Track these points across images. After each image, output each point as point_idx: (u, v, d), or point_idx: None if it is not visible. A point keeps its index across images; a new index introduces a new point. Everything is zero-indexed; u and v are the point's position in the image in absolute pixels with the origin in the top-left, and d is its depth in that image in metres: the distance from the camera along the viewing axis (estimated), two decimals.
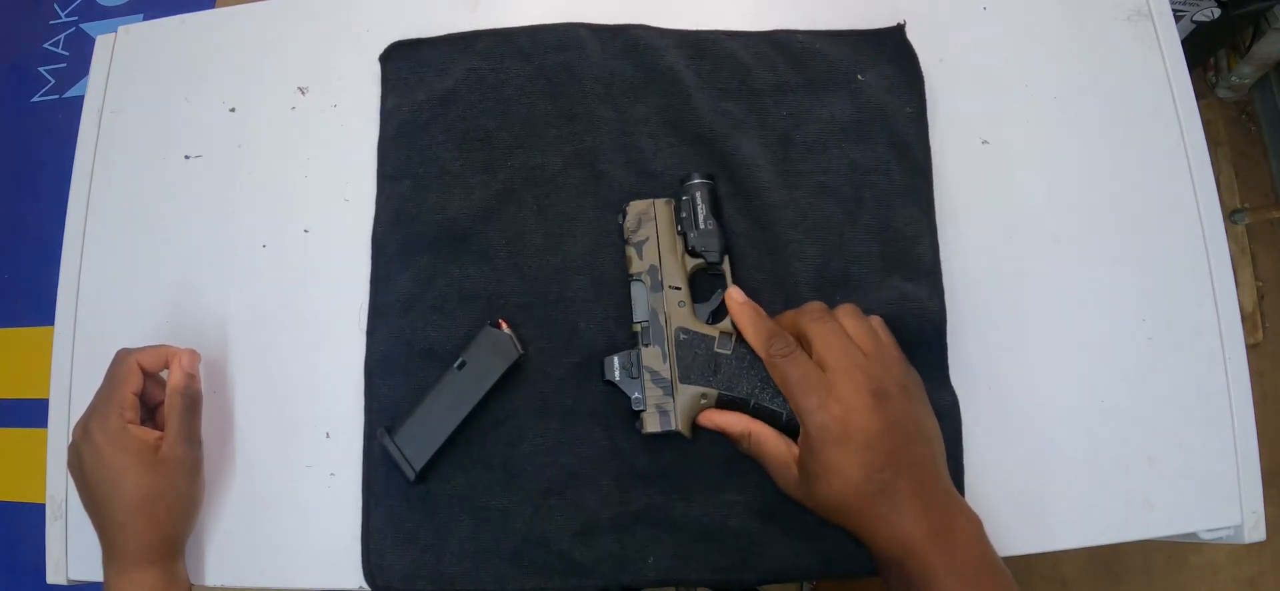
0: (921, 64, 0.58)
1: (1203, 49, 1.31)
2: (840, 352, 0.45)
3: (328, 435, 0.55)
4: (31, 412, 1.50)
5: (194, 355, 0.54)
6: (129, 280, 0.60)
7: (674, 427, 0.49)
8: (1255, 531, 0.51)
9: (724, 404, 0.49)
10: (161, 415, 0.52)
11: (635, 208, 0.53)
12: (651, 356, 0.50)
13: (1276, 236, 1.39)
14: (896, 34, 0.58)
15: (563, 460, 0.51)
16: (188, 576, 0.52)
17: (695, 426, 0.50)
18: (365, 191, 0.58)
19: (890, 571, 0.44)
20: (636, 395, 0.50)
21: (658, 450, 0.51)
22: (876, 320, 0.48)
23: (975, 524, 0.44)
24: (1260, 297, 1.36)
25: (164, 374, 0.54)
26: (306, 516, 0.54)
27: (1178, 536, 0.52)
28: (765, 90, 0.57)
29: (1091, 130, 0.57)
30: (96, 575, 0.55)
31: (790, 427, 0.47)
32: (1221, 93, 1.44)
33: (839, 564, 0.49)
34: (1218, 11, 1.15)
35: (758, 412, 0.48)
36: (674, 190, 0.54)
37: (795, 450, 0.46)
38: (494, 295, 0.54)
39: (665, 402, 0.49)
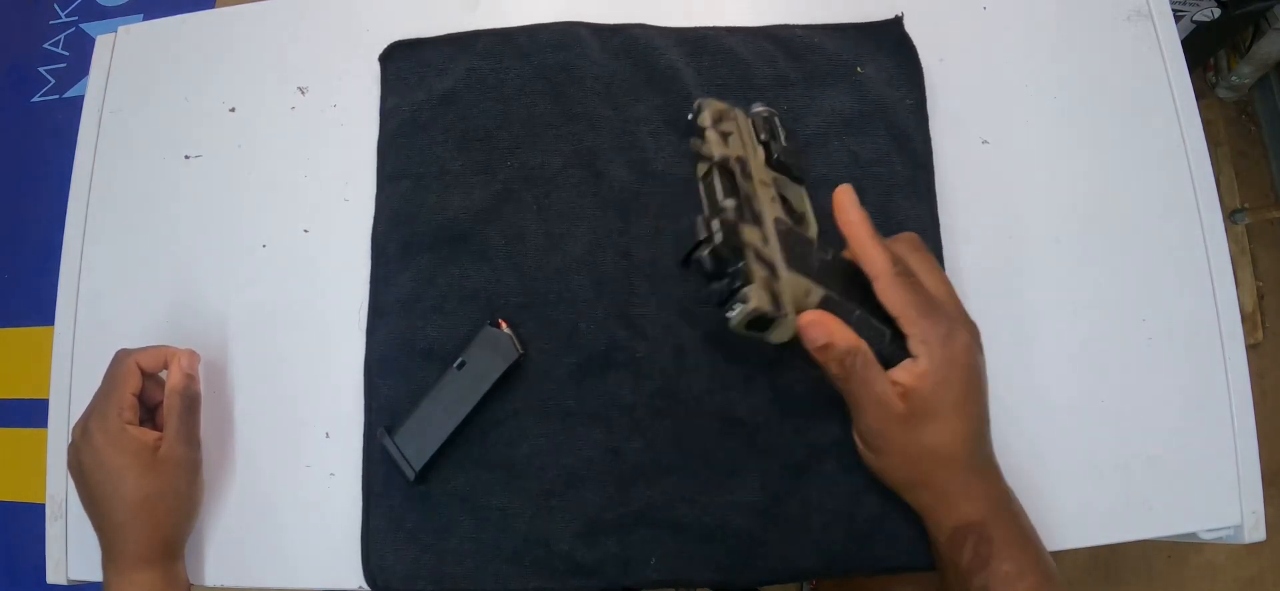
0: (922, 64, 0.57)
1: (1203, 49, 1.31)
2: (948, 293, 0.42)
3: (328, 435, 0.55)
4: (31, 412, 1.50)
5: (193, 356, 0.54)
6: (129, 280, 0.60)
7: (785, 313, 0.40)
8: (1255, 531, 0.51)
9: (827, 307, 0.42)
10: (161, 415, 0.52)
11: (713, 104, 0.44)
12: (752, 234, 0.41)
13: (1276, 236, 1.39)
14: (895, 26, 0.58)
15: (564, 461, 0.51)
16: (187, 577, 0.52)
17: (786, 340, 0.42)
18: (365, 191, 0.58)
19: (956, 541, 0.42)
20: (740, 264, 0.40)
21: (660, 450, 0.51)
22: (911, 237, 0.46)
23: (1012, 495, 0.45)
24: (1260, 297, 1.36)
25: (163, 374, 0.53)
26: (306, 516, 0.54)
27: (1178, 536, 0.52)
28: (765, 85, 0.57)
29: (1091, 130, 0.57)
30: (96, 575, 0.55)
31: (885, 358, 0.42)
32: (1221, 93, 1.44)
33: (839, 563, 0.49)
34: (1218, 11, 1.15)
35: (860, 327, 0.42)
36: (674, 191, 0.53)
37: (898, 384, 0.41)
38: (494, 295, 0.54)
39: (773, 284, 0.40)
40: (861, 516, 0.49)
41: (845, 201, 0.42)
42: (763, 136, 0.45)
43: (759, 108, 0.47)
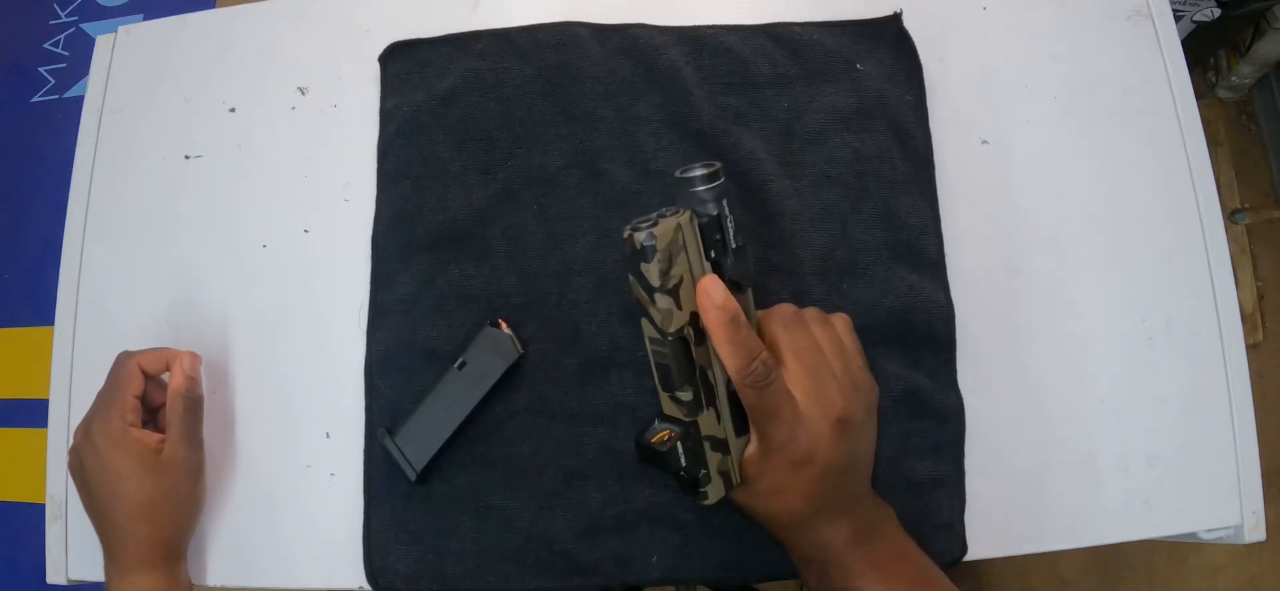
0: (922, 64, 0.57)
1: (1203, 49, 1.31)
2: (812, 376, 0.41)
3: (328, 435, 0.55)
4: (31, 412, 1.50)
5: (195, 358, 0.53)
6: (129, 280, 0.60)
7: (735, 483, 0.44)
8: (1255, 531, 0.51)
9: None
10: (163, 417, 0.52)
11: (663, 237, 0.38)
12: (708, 423, 0.42)
13: (1276, 236, 1.39)
14: (894, 22, 0.58)
15: (565, 460, 0.51)
16: (189, 578, 0.52)
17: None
18: (365, 191, 0.58)
19: (809, 569, 0.45)
20: (703, 472, 0.42)
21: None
22: (843, 321, 0.45)
23: (888, 518, 0.45)
24: (1260, 297, 1.36)
25: (165, 376, 0.53)
26: (306, 516, 0.54)
27: (1178, 536, 0.52)
28: (765, 83, 0.57)
29: (1091, 130, 0.57)
30: (97, 575, 0.55)
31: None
32: (1221, 93, 1.44)
33: None
34: (1218, 11, 1.15)
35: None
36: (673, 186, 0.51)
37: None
38: (494, 295, 0.54)
39: (726, 464, 0.43)
40: None
41: (710, 300, 0.40)
42: (711, 254, 0.41)
43: (701, 185, 0.40)
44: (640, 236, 0.38)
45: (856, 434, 0.42)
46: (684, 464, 0.42)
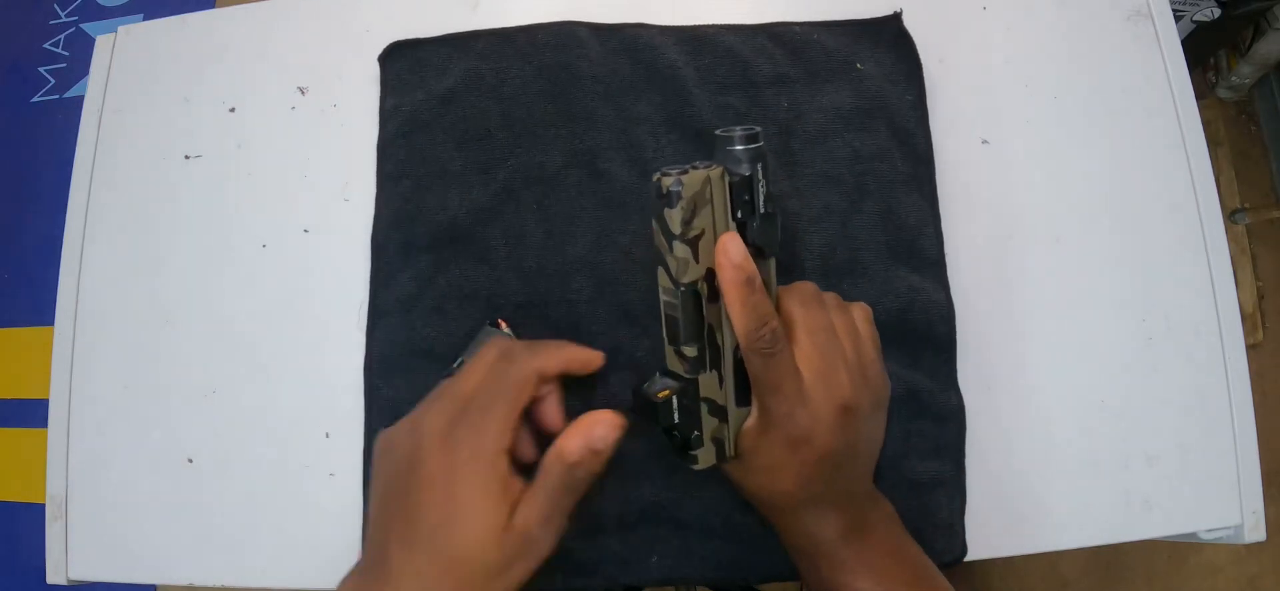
0: (922, 64, 0.58)
1: (1203, 49, 1.32)
2: (822, 356, 0.40)
3: (327, 435, 0.55)
4: (31, 412, 1.50)
5: (613, 423, 0.40)
6: (129, 280, 0.60)
7: (729, 455, 0.43)
8: (1255, 531, 0.51)
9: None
10: (521, 448, 0.40)
11: (690, 186, 0.38)
12: (709, 385, 0.41)
13: (1276, 236, 1.39)
14: (894, 22, 0.58)
15: None
16: None
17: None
18: (365, 191, 0.58)
19: (800, 558, 0.44)
20: (696, 434, 0.42)
21: (661, 448, 0.51)
22: (862, 312, 0.44)
23: (887, 515, 0.44)
24: (1260, 297, 1.36)
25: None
26: (306, 516, 0.54)
27: (1178, 536, 0.52)
28: (765, 83, 0.57)
29: (1092, 130, 0.57)
30: (97, 576, 0.55)
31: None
32: (1221, 93, 1.44)
33: None
34: (1218, 11, 1.15)
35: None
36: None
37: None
38: (494, 295, 0.54)
39: (721, 431, 0.42)
40: None
41: (728, 258, 0.38)
42: (738, 215, 0.40)
43: (739, 145, 0.40)
44: (668, 181, 0.37)
45: (859, 425, 0.41)
46: (676, 420, 0.41)
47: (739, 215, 0.40)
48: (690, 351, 0.40)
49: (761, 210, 0.40)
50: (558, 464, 0.38)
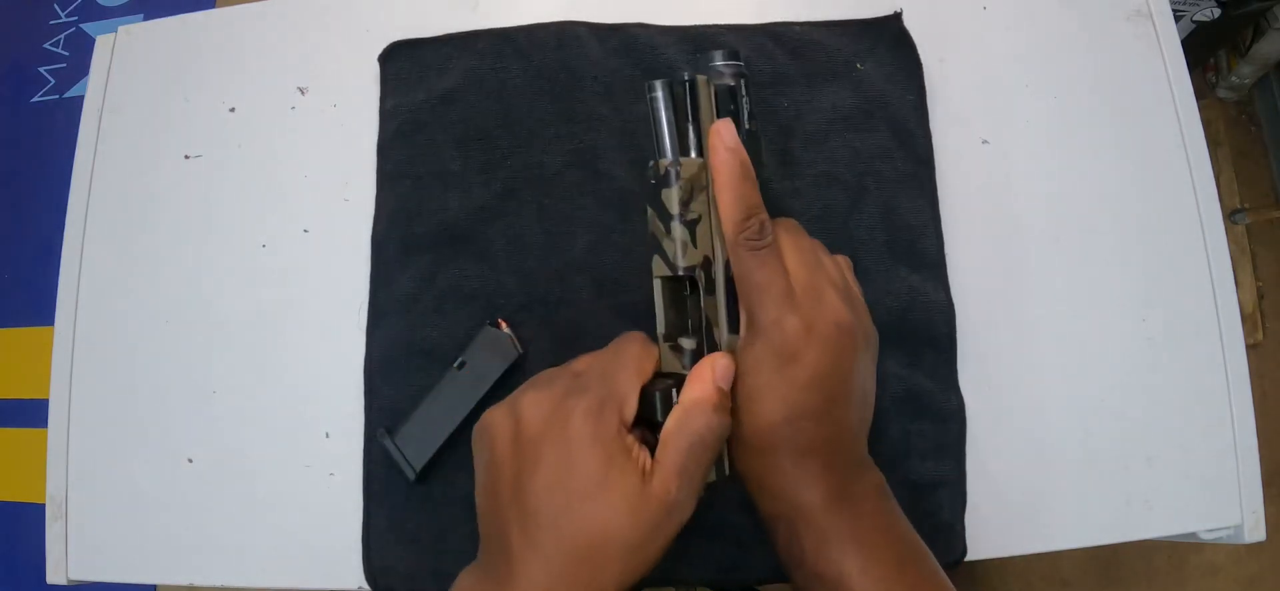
0: (922, 64, 0.58)
1: (1203, 49, 1.32)
2: (811, 269, 0.38)
3: (327, 435, 0.55)
4: (31, 412, 1.50)
5: (728, 365, 0.37)
6: (129, 280, 0.60)
7: (726, 473, 0.40)
8: (1255, 531, 0.51)
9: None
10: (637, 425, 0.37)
11: (687, 169, 0.37)
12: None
13: (1276, 236, 1.39)
14: (894, 22, 0.58)
15: None
16: None
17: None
18: (365, 191, 0.58)
19: (777, 528, 0.39)
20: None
21: None
22: (845, 260, 0.43)
23: (878, 485, 0.40)
24: (1260, 297, 1.36)
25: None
26: (306, 516, 0.54)
27: (1178, 536, 0.52)
28: (765, 82, 0.57)
29: (1091, 130, 0.57)
30: (97, 575, 0.55)
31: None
32: (1221, 93, 1.44)
33: None
34: (1218, 11, 1.15)
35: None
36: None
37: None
38: (494, 295, 0.54)
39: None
40: None
41: (722, 141, 0.36)
42: None
43: (720, 61, 0.40)
44: (665, 162, 0.38)
45: (853, 355, 0.38)
46: (660, 419, 0.37)
47: None
48: (688, 344, 0.39)
49: (746, 125, 0.40)
50: (698, 411, 0.35)
